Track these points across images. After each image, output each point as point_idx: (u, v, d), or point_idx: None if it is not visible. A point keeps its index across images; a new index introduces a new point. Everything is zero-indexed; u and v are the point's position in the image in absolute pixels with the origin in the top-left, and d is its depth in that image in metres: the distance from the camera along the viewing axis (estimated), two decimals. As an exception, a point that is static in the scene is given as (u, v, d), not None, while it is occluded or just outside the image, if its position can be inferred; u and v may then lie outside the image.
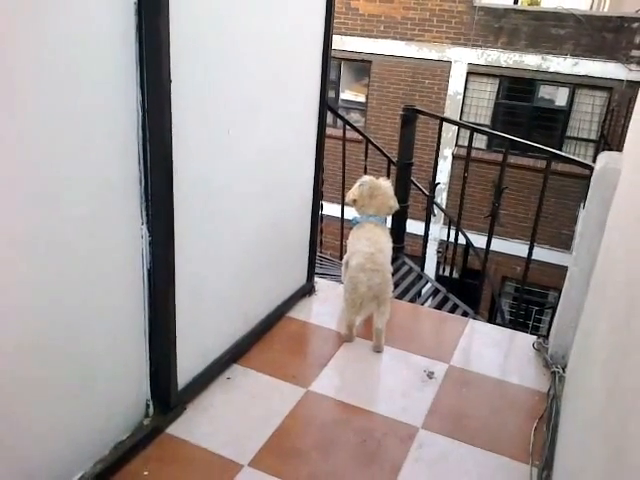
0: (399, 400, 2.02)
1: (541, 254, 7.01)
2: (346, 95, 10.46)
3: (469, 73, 9.38)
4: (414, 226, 4.70)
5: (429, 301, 3.67)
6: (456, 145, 9.61)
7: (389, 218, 2.96)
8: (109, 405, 1.61)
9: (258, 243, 2.16)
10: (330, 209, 3.88)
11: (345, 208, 3.09)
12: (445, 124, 3.53)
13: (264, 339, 2.29)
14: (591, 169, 2.13)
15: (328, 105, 2.53)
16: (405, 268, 3.82)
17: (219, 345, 2.06)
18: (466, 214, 3.74)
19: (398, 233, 3.85)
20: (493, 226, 3.09)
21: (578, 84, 8.94)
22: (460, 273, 3.51)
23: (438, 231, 8.82)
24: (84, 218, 1.37)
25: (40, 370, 1.35)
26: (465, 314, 3.32)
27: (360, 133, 4.02)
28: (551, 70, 8.91)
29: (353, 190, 2.42)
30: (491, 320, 4.17)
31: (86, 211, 1.37)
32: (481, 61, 9.23)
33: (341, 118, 3.94)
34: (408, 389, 2.08)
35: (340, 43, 9.33)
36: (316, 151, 2.45)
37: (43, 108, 1.20)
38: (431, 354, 2.28)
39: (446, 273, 3.73)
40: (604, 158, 1.97)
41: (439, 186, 3.87)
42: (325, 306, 2.61)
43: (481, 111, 9.62)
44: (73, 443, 1.50)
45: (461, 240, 3.41)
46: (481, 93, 9.55)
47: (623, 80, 8.48)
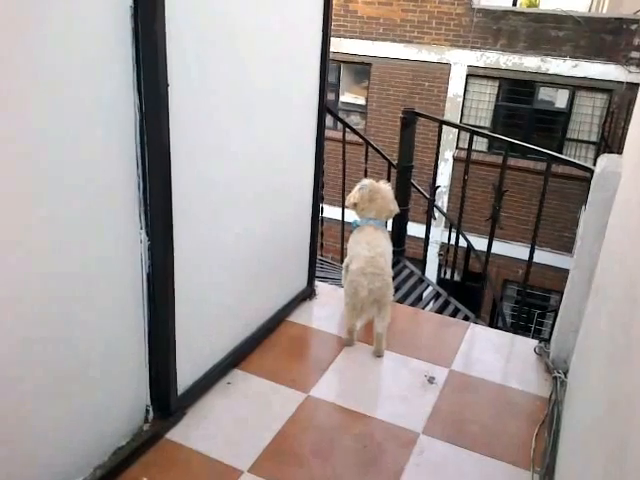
0: (399, 405, 2.01)
1: (543, 257, 6.99)
2: (346, 97, 10.46)
3: (469, 75, 9.38)
4: (415, 229, 4.70)
5: (430, 305, 3.66)
6: (457, 147, 9.61)
7: (389, 221, 2.95)
8: (108, 410, 1.60)
9: (258, 247, 2.16)
10: (331, 212, 3.87)
11: (346, 211, 3.08)
12: (445, 126, 3.53)
13: (264, 343, 2.29)
14: (591, 172, 2.12)
15: (328, 108, 2.53)
16: (406, 272, 3.82)
17: (219, 350, 2.05)
18: (467, 217, 3.74)
19: (399, 236, 3.85)
20: (494, 229, 3.08)
21: (578, 86, 8.93)
22: (461, 276, 3.50)
23: (439, 234, 8.81)
24: (82, 223, 1.36)
25: (39, 376, 1.35)
26: (466, 318, 3.31)
27: (360, 136, 4.02)
28: (550, 72, 8.90)
29: (353, 193, 2.42)
30: (492, 324, 4.16)
31: (84, 216, 1.36)
32: (480, 63, 9.23)
33: (341, 121, 3.94)
34: (409, 394, 2.07)
35: (339, 45, 9.35)
36: (316, 154, 2.45)
37: (40, 113, 1.20)
38: (432, 359, 2.27)
39: (448, 276, 3.72)
40: (604, 161, 1.96)
41: (440, 189, 3.86)
42: (325, 310, 2.60)
43: (481, 113, 9.62)
44: (72, 449, 1.50)
45: (462, 243, 3.41)
46: (481, 95, 9.54)
47: (623, 82, 8.48)
